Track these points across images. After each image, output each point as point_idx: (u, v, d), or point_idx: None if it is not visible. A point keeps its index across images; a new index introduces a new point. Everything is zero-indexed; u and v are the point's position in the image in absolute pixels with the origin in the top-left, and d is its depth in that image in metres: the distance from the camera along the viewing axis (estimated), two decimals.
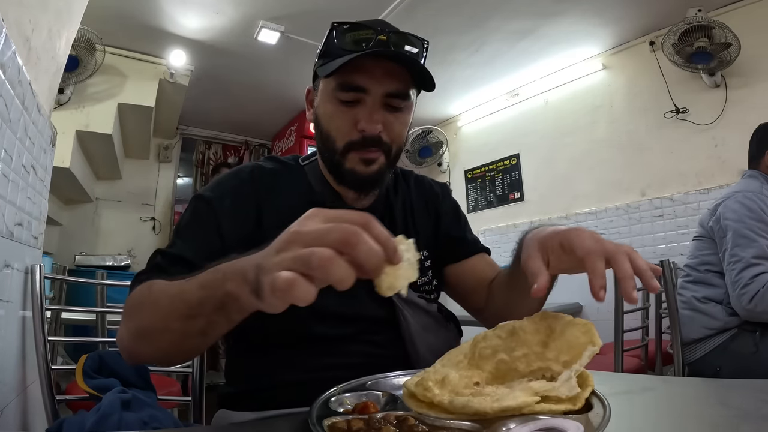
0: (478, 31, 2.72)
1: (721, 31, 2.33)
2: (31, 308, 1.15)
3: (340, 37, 0.69)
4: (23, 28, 1.06)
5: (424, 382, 0.44)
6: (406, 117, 0.73)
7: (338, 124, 0.70)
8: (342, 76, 0.67)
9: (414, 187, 0.88)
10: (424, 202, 0.87)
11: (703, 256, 1.60)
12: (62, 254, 3.07)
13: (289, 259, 0.33)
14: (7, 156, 1.00)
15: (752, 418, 0.41)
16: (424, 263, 0.81)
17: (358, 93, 0.68)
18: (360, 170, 0.71)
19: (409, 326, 0.72)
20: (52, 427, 0.94)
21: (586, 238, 0.47)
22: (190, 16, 2.57)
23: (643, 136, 2.83)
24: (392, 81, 0.68)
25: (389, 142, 0.71)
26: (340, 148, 0.71)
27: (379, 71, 0.67)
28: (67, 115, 2.48)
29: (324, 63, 0.71)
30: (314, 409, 0.40)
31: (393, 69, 0.68)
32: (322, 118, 0.73)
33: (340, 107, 0.69)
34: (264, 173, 0.76)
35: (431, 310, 0.79)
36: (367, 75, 0.67)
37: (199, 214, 0.70)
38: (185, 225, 0.70)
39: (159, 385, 1.37)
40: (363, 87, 0.67)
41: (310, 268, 0.32)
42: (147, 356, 0.57)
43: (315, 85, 0.76)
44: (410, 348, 0.71)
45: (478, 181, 3.90)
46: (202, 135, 4.30)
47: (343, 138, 0.70)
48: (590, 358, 0.43)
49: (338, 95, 0.69)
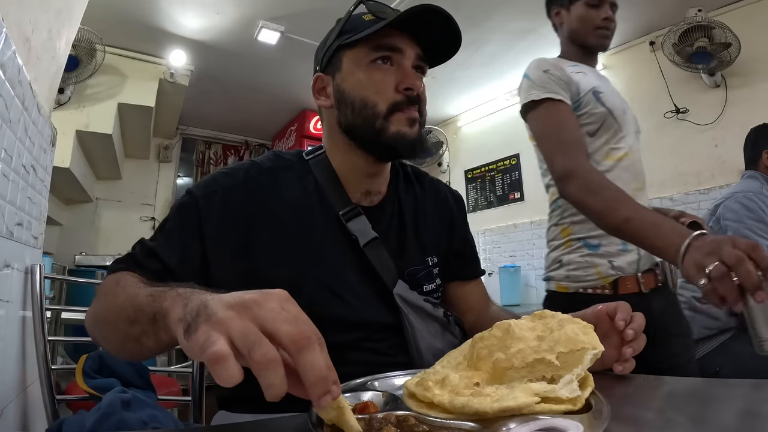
0: (478, 31, 2.72)
1: (721, 31, 2.33)
2: (31, 308, 1.16)
3: (369, 7, 0.71)
4: (23, 28, 1.06)
5: (424, 383, 0.44)
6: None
7: (378, 87, 0.69)
8: (377, 41, 0.69)
9: (428, 189, 0.86)
10: (438, 209, 0.85)
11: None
12: (62, 254, 3.07)
13: (235, 328, 0.31)
14: (7, 156, 1.00)
15: (752, 418, 0.41)
16: (433, 270, 0.79)
17: (394, 53, 0.69)
18: (406, 131, 0.70)
19: (414, 331, 0.70)
20: (52, 427, 0.94)
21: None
22: (190, 16, 2.57)
23: (643, 136, 2.82)
24: (418, 47, 0.71)
25: (424, 104, 0.72)
26: (384, 111, 0.69)
27: (407, 37, 0.70)
28: (67, 115, 2.49)
29: (350, 37, 0.71)
30: (314, 410, 0.40)
31: (418, 36, 0.71)
32: (355, 89, 0.71)
33: (376, 72, 0.70)
34: (261, 172, 0.73)
35: (437, 314, 0.76)
36: (399, 38, 0.69)
37: (183, 213, 0.68)
38: (169, 222, 0.68)
39: (159, 385, 1.37)
40: (399, 47, 0.69)
41: (249, 356, 0.30)
42: (101, 343, 0.58)
43: (331, 68, 0.75)
44: (415, 354, 0.69)
45: (478, 181, 3.90)
46: (202, 135, 4.31)
47: (387, 100, 0.69)
48: (592, 362, 0.43)
49: (374, 59, 0.69)
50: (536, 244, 3.35)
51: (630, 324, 0.56)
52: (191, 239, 0.65)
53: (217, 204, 0.67)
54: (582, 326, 0.46)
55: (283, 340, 0.31)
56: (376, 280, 0.72)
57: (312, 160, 0.78)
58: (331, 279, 0.69)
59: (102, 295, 0.57)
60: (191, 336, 0.33)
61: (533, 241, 3.37)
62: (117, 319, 0.49)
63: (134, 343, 0.47)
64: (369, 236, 0.72)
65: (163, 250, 0.64)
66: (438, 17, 0.69)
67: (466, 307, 0.85)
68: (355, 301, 0.69)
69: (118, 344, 0.53)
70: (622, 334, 0.56)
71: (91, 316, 0.58)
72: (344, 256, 0.71)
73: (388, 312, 0.71)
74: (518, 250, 3.48)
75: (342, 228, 0.72)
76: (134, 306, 0.46)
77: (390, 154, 0.73)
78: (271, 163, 0.75)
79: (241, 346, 0.31)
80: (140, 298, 0.45)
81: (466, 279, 0.87)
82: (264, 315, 0.33)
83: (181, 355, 2.26)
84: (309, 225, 0.70)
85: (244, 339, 0.31)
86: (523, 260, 3.42)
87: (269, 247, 0.67)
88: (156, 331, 0.41)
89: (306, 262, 0.68)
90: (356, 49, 0.71)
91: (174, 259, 0.63)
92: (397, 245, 0.76)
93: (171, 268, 0.62)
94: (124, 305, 0.48)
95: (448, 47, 0.74)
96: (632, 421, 0.40)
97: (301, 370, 0.31)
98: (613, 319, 0.57)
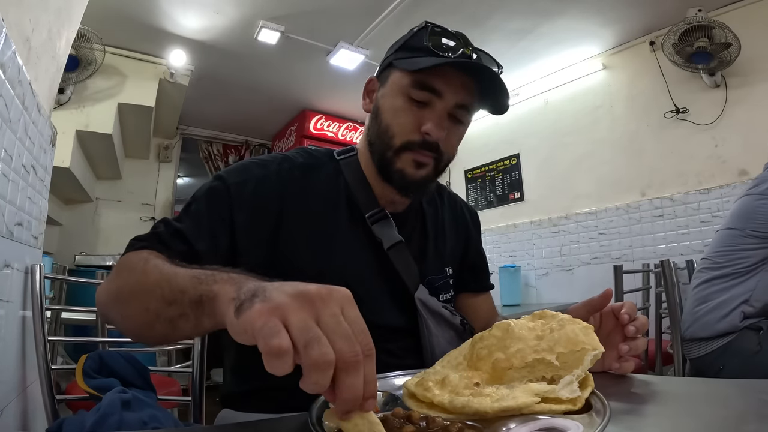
0: (478, 31, 2.72)
1: (721, 31, 2.33)
2: (31, 308, 1.15)
3: (430, 38, 0.68)
4: (23, 28, 1.06)
5: (424, 383, 0.44)
6: (463, 131, 0.75)
7: (403, 120, 0.69)
8: (422, 76, 0.67)
9: (447, 202, 0.89)
10: (455, 223, 0.88)
11: (739, 251, 1.47)
12: (62, 254, 3.07)
13: (295, 318, 0.31)
14: (7, 156, 1.00)
15: (752, 418, 0.40)
16: (449, 281, 0.81)
17: (432, 96, 0.67)
18: (409, 172, 0.70)
19: (431, 337, 0.71)
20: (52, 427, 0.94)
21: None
22: (190, 16, 2.57)
23: (644, 136, 2.83)
24: (466, 94, 0.69)
25: (444, 152, 0.71)
26: (397, 145, 0.69)
27: (456, 81, 0.67)
28: (67, 115, 2.48)
29: (405, 57, 0.70)
30: (314, 410, 0.40)
31: (468, 83, 0.68)
32: (386, 111, 0.71)
33: (409, 104, 0.68)
34: (294, 167, 0.72)
35: (455, 322, 0.77)
36: (444, 81, 0.67)
37: (214, 198, 0.66)
38: (197, 205, 0.66)
39: (159, 385, 1.37)
40: (439, 91, 0.67)
41: (305, 351, 0.30)
42: (117, 322, 0.54)
43: (382, 77, 0.74)
44: (429, 358, 0.69)
45: (478, 181, 3.90)
46: (202, 135, 4.31)
47: (404, 136, 0.69)
48: (593, 363, 0.43)
49: (412, 92, 0.68)
50: (536, 244, 3.35)
51: (633, 321, 0.56)
52: (221, 227, 0.64)
53: (249, 193, 0.66)
54: (582, 327, 0.46)
55: (335, 355, 0.30)
56: (397, 283, 0.72)
57: (343, 160, 0.78)
58: (352, 280, 0.68)
59: (125, 272, 0.54)
60: (243, 313, 0.32)
61: (533, 241, 3.37)
62: (148, 298, 0.46)
63: (167, 324, 0.44)
64: (394, 239, 0.72)
65: (191, 232, 0.61)
66: (487, 75, 0.68)
67: (473, 318, 0.86)
68: (373, 304, 0.69)
69: (145, 325, 0.49)
70: (624, 330, 0.56)
71: (110, 293, 0.54)
72: (367, 258, 0.72)
73: (406, 315, 0.72)
74: (518, 250, 3.48)
75: (367, 230, 0.73)
76: (173, 286, 0.43)
77: (393, 184, 0.73)
78: (304, 159, 0.75)
79: (297, 338, 0.30)
80: (181, 279, 0.43)
81: (476, 291, 0.89)
82: (326, 319, 0.32)
83: (181, 355, 2.26)
84: (335, 225, 0.71)
85: (304, 333, 0.30)
86: (523, 260, 3.42)
87: (295, 242, 0.67)
88: (198, 315, 0.39)
89: (329, 261, 0.69)
90: (402, 74, 0.69)
91: (202, 244, 0.61)
92: (419, 252, 0.78)
93: (198, 252, 0.60)
94: (159, 284, 0.45)
95: (494, 101, 0.73)
96: (632, 421, 0.40)
97: (339, 385, 0.31)
98: (618, 317, 0.57)
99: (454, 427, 0.37)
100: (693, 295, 1.57)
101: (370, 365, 0.32)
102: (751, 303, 1.41)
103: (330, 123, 3.92)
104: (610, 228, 2.93)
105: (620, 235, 2.87)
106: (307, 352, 0.29)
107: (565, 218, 3.16)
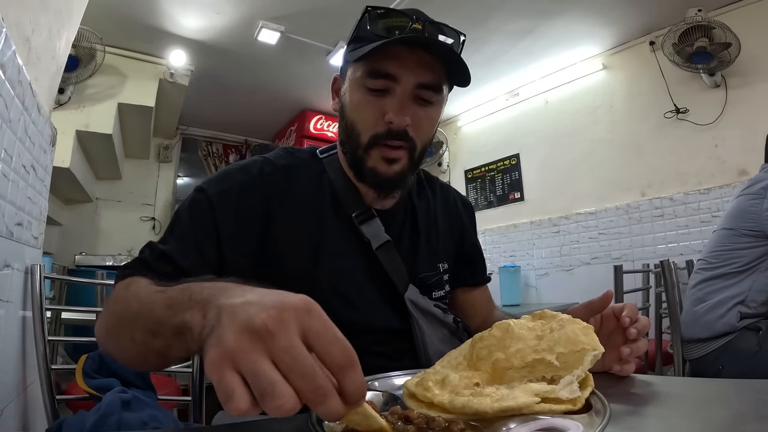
0: (478, 31, 2.72)
1: (721, 31, 2.33)
2: (31, 308, 1.15)
3: (373, 23, 0.65)
4: (23, 28, 1.06)
5: (424, 383, 0.44)
6: (436, 113, 0.69)
7: (364, 114, 0.66)
8: (372, 63, 0.64)
9: (439, 195, 0.86)
10: (448, 215, 0.85)
11: (733, 251, 1.48)
12: (62, 254, 3.07)
13: (247, 367, 0.28)
14: (7, 156, 1.00)
15: (752, 418, 0.40)
16: (443, 277, 0.79)
17: (388, 81, 0.63)
18: (382, 170, 0.67)
19: (423, 336, 0.70)
20: (52, 427, 0.94)
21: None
22: (190, 16, 2.57)
23: (643, 136, 2.83)
24: (425, 72, 0.64)
25: (415, 139, 0.67)
26: (365, 142, 0.66)
27: (411, 60, 0.63)
28: (67, 115, 2.48)
29: (354, 48, 0.67)
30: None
31: (427, 60, 0.64)
32: (347, 108, 0.69)
33: (367, 96, 0.65)
34: (276, 170, 0.70)
35: (447, 320, 0.76)
36: (398, 63, 0.63)
37: (196, 211, 0.64)
38: (180, 222, 0.64)
39: (159, 385, 1.37)
40: (393, 75, 0.63)
41: (264, 405, 0.28)
42: (115, 356, 0.52)
43: (342, 74, 0.71)
44: (423, 359, 0.69)
45: (478, 181, 3.90)
46: (202, 135, 4.31)
47: (369, 130, 0.66)
48: (593, 363, 0.43)
49: (367, 83, 0.64)
50: (536, 244, 3.35)
51: (634, 324, 0.56)
52: (207, 239, 0.62)
53: (232, 202, 0.64)
54: (582, 327, 0.46)
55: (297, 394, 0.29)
56: (386, 284, 0.71)
57: (326, 159, 0.76)
58: (341, 282, 0.68)
59: (112, 304, 0.53)
60: (204, 359, 0.30)
61: (533, 241, 3.37)
62: (132, 330, 0.44)
63: (158, 356, 0.42)
64: (382, 239, 0.71)
65: (177, 253, 0.60)
66: (440, 48, 0.64)
67: (471, 312, 0.85)
68: (364, 305, 0.68)
69: (138, 356, 0.47)
70: (625, 333, 0.56)
71: (101, 327, 0.53)
72: (355, 259, 0.70)
73: (397, 316, 0.71)
74: (518, 250, 3.48)
75: (355, 230, 0.71)
76: (153, 316, 0.41)
77: (368, 184, 0.70)
78: (285, 160, 0.73)
79: (253, 387, 0.28)
80: (157, 309, 0.40)
81: (473, 285, 0.87)
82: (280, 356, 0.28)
83: None
84: (322, 226, 0.69)
85: (257, 382, 0.28)
86: (523, 260, 3.42)
87: (282, 245, 0.66)
88: (184, 344, 0.36)
89: (317, 263, 0.67)
90: (355, 66, 0.66)
91: (188, 261, 0.60)
92: (410, 250, 0.76)
93: (185, 270, 0.58)
94: (140, 315, 0.44)
95: (455, 70, 0.68)
96: (632, 421, 0.40)
97: (315, 410, 0.30)
98: (619, 319, 0.57)
99: (456, 427, 0.37)
100: (690, 295, 1.58)
101: (350, 377, 0.30)
102: (747, 304, 1.42)
103: (330, 123, 3.92)
104: (610, 228, 2.93)
105: (620, 235, 2.87)
106: (264, 404, 0.28)
107: (565, 218, 3.16)
